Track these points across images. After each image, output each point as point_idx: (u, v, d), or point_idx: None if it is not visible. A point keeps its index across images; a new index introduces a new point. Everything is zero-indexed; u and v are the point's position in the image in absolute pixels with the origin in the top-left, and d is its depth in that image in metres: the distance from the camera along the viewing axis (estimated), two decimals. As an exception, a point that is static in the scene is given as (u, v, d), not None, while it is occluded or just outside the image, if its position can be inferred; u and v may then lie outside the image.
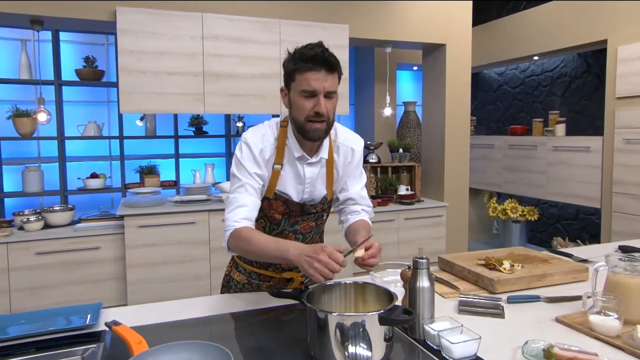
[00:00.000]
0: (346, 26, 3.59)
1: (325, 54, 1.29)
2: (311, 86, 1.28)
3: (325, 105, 1.30)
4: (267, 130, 1.43)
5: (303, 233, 1.51)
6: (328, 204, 1.53)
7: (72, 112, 4.05)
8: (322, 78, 1.28)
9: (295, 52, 1.32)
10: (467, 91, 4.18)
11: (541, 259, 1.75)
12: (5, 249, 2.89)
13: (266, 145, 1.41)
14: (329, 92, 1.30)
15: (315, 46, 1.30)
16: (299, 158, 1.42)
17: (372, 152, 4.28)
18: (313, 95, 1.29)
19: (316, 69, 1.27)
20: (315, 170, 1.46)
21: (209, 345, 1.04)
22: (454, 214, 4.21)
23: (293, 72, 1.31)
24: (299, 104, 1.32)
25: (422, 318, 1.19)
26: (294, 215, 1.47)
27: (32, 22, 3.03)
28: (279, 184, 1.43)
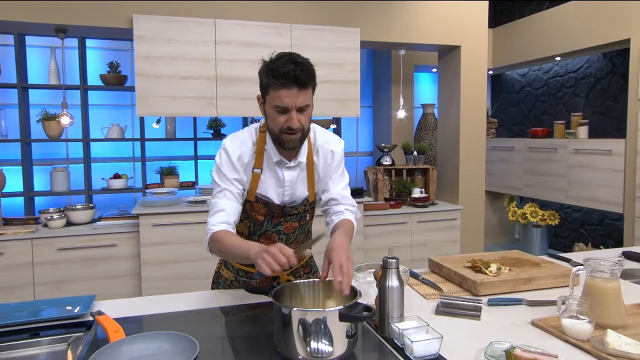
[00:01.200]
0: (357, 29, 3.61)
1: (296, 72, 1.28)
2: (284, 103, 1.31)
3: (298, 119, 1.34)
4: (245, 136, 1.49)
5: (286, 233, 1.55)
6: (310, 205, 1.58)
7: (97, 116, 4.25)
8: (294, 95, 1.30)
9: (268, 66, 1.32)
10: (483, 93, 4.13)
11: (533, 262, 1.73)
12: (30, 245, 3.06)
13: (244, 151, 1.46)
14: (300, 107, 1.33)
15: (288, 62, 1.30)
16: (277, 162, 1.47)
17: (386, 155, 4.29)
18: (286, 111, 1.33)
19: (288, 86, 1.29)
20: (295, 173, 1.51)
21: (179, 336, 1.11)
22: (469, 218, 4.16)
23: (267, 87, 1.34)
24: (273, 118, 1.36)
25: (391, 317, 1.21)
26: (276, 217, 1.52)
27: (56, 30, 3.21)
28: (259, 187, 1.49)
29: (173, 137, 4.28)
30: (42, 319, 1.27)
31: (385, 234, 3.86)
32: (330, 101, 3.61)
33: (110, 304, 1.48)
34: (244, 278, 1.60)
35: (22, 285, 3.05)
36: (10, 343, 1.19)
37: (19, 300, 3.02)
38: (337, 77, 3.60)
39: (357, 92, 3.69)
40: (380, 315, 1.23)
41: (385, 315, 1.21)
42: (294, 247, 1.54)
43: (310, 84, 1.33)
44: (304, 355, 1.07)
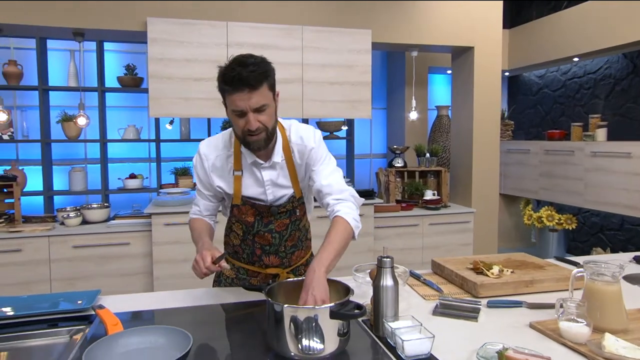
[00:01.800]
0: (369, 31, 3.62)
1: (243, 74, 1.26)
2: (238, 106, 1.31)
3: (257, 120, 1.33)
4: (219, 140, 1.53)
5: (279, 231, 1.55)
6: (299, 201, 1.57)
7: (114, 117, 4.35)
8: (246, 97, 1.29)
9: (221, 73, 1.32)
10: (497, 95, 4.08)
11: (537, 265, 1.71)
12: (47, 242, 3.16)
13: (217, 155, 1.51)
14: (256, 108, 1.32)
15: (236, 65, 1.28)
16: (252, 163, 1.48)
17: (398, 156, 4.27)
18: (243, 114, 1.32)
19: (239, 89, 1.28)
20: (274, 172, 1.51)
21: (174, 330, 1.13)
22: (483, 221, 4.10)
23: (223, 93, 1.35)
24: (234, 121, 1.37)
25: (384, 316, 1.21)
26: (266, 216, 1.53)
27: (74, 34, 3.30)
28: (243, 189, 1.50)
29: (187, 138, 4.35)
30: (46, 312, 1.31)
31: (396, 236, 3.84)
32: (341, 103, 3.62)
33: (114, 299, 1.52)
34: (245, 276, 1.62)
35: (39, 281, 3.14)
36: (14, 334, 1.23)
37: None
38: (348, 78, 3.61)
39: (369, 94, 3.68)
40: (375, 315, 1.23)
41: (379, 314, 1.22)
42: (288, 244, 1.58)
43: (261, 83, 1.30)
44: (295, 352, 1.08)
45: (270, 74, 1.34)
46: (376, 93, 5.35)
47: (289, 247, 1.59)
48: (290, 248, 1.60)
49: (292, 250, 1.60)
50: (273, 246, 1.56)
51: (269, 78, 1.33)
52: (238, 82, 1.27)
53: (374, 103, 5.32)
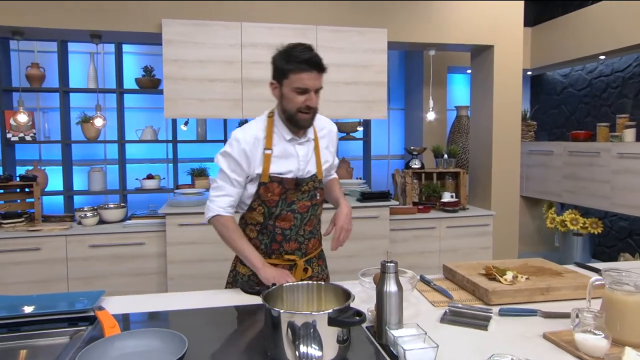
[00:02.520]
0: (384, 30, 3.55)
1: (316, 59, 1.50)
2: (305, 84, 1.49)
3: (315, 99, 1.53)
4: (253, 125, 1.62)
5: (300, 212, 1.62)
6: (319, 183, 1.68)
7: (133, 118, 4.40)
8: (315, 78, 1.50)
9: (289, 53, 1.51)
10: (518, 95, 3.96)
11: (554, 272, 1.63)
12: (64, 241, 3.20)
13: (252, 139, 1.57)
14: (317, 89, 1.52)
15: (306, 49, 1.52)
16: (289, 140, 1.61)
17: (415, 158, 4.19)
18: (305, 92, 1.50)
19: (309, 70, 1.48)
20: (305, 148, 1.65)
21: (170, 333, 1.11)
22: (503, 224, 3.99)
23: (287, 72, 1.50)
24: (291, 98, 1.51)
25: (388, 323, 1.16)
26: (290, 195, 1.60)
27: (92, 36, 3.35)
28: (272, 166, 1.58)
29: (204, 139, 4.37)
30: (47, 312, 1.31)
31: (412, 239, 3.76)
32: (356, 103, 3.57)
33: (117, 300, 1.51)
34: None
35: (57, 280, 3.19)
36: (14, 334, 1.23)
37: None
38: (363, 78, 3.56)
39: (384, 94, 3.62)
40: (378, 321, 1.19)
41: (382, 321, 1.17)
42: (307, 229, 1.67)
43: (324, 69, 1.52)
44: (292, 359, 1.04)
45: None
46: (394, 93, 5.28)
47: (307, 232, 1.66)
48: (308, 234, 1.67)
49: (309, 237, 1.67)
50: (294, 229, 1.62)
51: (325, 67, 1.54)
52: (314, 63, 1.48)
53: (391, 103, 5.25)
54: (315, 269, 1.72)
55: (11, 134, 3.89)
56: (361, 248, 3.58)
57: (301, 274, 1.64)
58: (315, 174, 1.66)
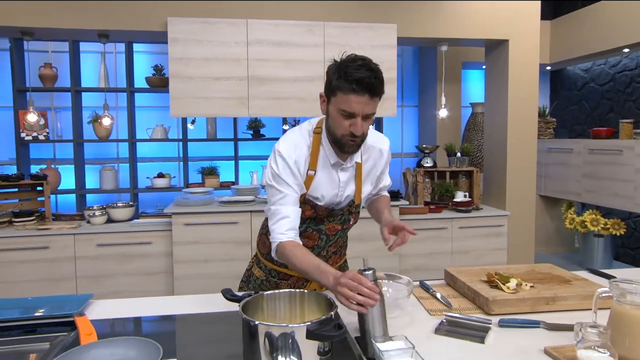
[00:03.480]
0: (394, 25, 3.46)
1: (371, 80, 1.26)
2: (352, 108, 1.29)
3: (362, 126, 1.31)
4: (299, 139, 1.45)
5: (327, 234, 1.53)
6: (355, 208, 1.55)
7: (144, 117, 4.42)
8: (364, 102, 1.28)
9: (341, 68, 1.29)
10: (535, 90, 3.81)
11: (563, 279, 1.53)
12: (72, 240, 3.22)
13: (299, 155, 1.42)
14: (367, 114, 1.31)
15: (362, 67, 1.26)
16: (334, 164, 1.45)
17: (427, 156, 4.08)
18: (352, 116, 1.30)
19: (360, 92, 1.26)
20: (348, 174, 1.50)
21: (145, 341, 1.07)
22: (518, 224, 3.85)
23: (336, 89, 1.30)
24: (336, 121, 1.34)
25: (372, 335, 1.10)
26: (320, 217, 1.50)
27: (99, 35, 3.36)
28: (311, 189, 1.46)
29: (214, 137, 4.35)
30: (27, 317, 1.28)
31: (423, 239, 3.67)
32: (365, 100, 3.49)
33: (104, 304, 1.48)
34: (275, 279, 1.58)
35: (65, 278, 3.22)
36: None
37: (64, 293, 3.19)
38: (372, 75, 3.47)
39: (394, 91, 3.53)
40: (361, 334, 1.12)
41: (365, 333, 1.10)
42: (331, 250, 1.57)
43: (380, 93, 1.31)
44: (270, 372, 0.98)
45: (384, 85, 1.33)
46: (408, 90, 5.17)
47: (330, 252, 1.58)
48: (331, 253, 1.58)
49: (331, 255, 1.59)
50: (316, 248, 1.53)
51: (383, 89, 1.33)
52: (366, 86, 1.25)
53: (405, 100, 5.15)
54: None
55: (25, 133, 3.95)
56: (369, 249, 3.49)
57: (317, 286, 1.56)
58: (353, 199, 1.53)
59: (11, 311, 1.35)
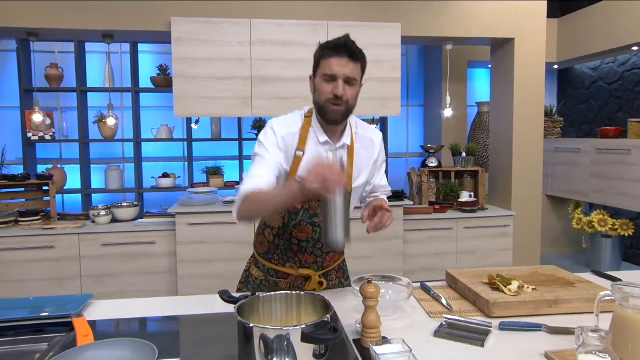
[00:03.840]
0: (398, 25, 3.44)
1: (348, 43, 1.38)
2: (332, 70, 1.37)
3: (344, 89, 1.38)
4: (291, 119, 1.51)
5: (321, 226, 1.50)
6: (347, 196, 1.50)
7: (150, 117, 4.43)
8: (344, 64, 1.37)
9: (323, 44, 1.43)
10: (541, 89, 3.77)
11: (567, 282, 1.51)
12: (77, 239, 3.24)
13: (288, 133, 1.47)
14: (349, 77, 1.38)
15: (341, 38, 1.40)
16: (323, 143, 1.48)
17: (432, 156, 4.06)
18: (333, 79, 1.38)
19: (339, 55, 1.37)
20: (339, 155, 1.50)
21: (141, 343, 1.06)
22: (524, 225, 3.81)
23: (319, 59, 1.42)
24: (320, 87, 1.41)
25: (334, 234, 1.17)
26: (313, 207, 1.49)
27: (103, 36, 3.37)
28: (300, 169, 1.46)
29: (219, 137, 4.36)
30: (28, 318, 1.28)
31: (428, 239, 3.64)
32: (368, 100, 3.47)
33: (104, 304, 1.48)
34: (275, 278, 1.57)
35: (70, 278, 3.24)
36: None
37: (68, 292, 3.21)
38: (376, 75, 3.45)
39: (398, 91, 3.51)
40: (323, 234, 1.19)
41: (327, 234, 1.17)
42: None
43: (359, 59, 1.39)
44: (264, 375, 0.97)
45: (365, 59, 1.43)
46: (413, 89, 5.14)
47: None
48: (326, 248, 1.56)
49: (327, 251, 1.57)
50: (311, 241, 1.52)
51: (364, 60, 1.43)
52: (342, 47, 1.37)
53: (410, 100, 5.12)
54: (333, 281, 1.63)
55: (31, 133, 3.98)
56: (374, 249, 3.49)
57: (316, 286, 1.56)
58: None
59: (11, 311, 1.36)
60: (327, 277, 1.60)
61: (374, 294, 1.15)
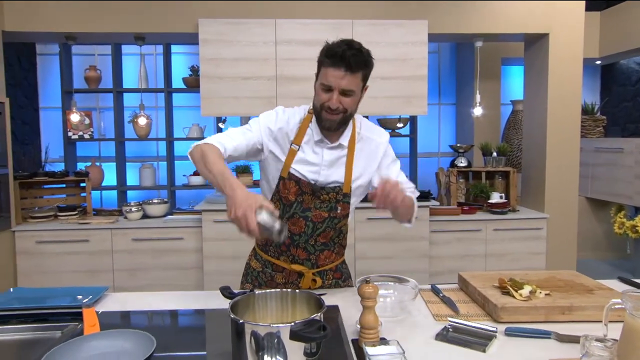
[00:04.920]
0: (425, 21, 3.37)
1: (347, 54, 1.32)
2: (328, 81, 1.36)
3: (339, 101, 1.37)
4: (296, 111, 1.54)
5: (314, 222, 1.51)
6: (343, 196, 1.51)
7: (182, 116, 4.56)
8: (340, 76, 1.34)
9: (326, 47, 1.39)
10: (577, 86, 3.59)
11: (586, 288, 1.43)
12: (110, 234, 3.38)
13: (289, 122, 1.49)
14: (345, 90, 1.36)
15: (344, 44, 1.35)
16: (318, 141, 1.48)
17: (461, 155, 3.96)
18: (329, 90, 1.37)
19: (337, 65, 1.33)
20: (334, 154, 1.50)
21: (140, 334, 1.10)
22: (558, 228, 3.65)
23: (320, 64, 1.40)
24: (318, 94, 1.42)
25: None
26: (307, 201, 1.49)
27: (136, 38, 3.49)
28: (294, 163, 1.48)
29: (247, 136, 4.41)
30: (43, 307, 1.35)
31: (455, 241, 3.56)
32: (393, 99, 3.43)
33: (118, 296, 1.54)
34: (270, 270, 1.59)
35: (103, 271, 3.38)
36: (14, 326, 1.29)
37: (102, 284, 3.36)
38: (401, 73, 3.41)
39: (424, 89, 3.44)
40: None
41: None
42: (320, 241, 1.54)
43: (358, 69, 1.35)
44: (255, 371, 0.98)
45: (369, 65, 1.39)
46: (445, 87, 5.03)
47: (319, 243, 1.54)
48: (320, 245, 1.55)
49: (321, 248, 1.56)
50: (303, 236, 1.52)
51: (366, 68, 1.39)
52: (339, 59, 1.32)
53: (442, 98, 5.01)
54: (329, 281, 1.61)
55: (72, 132, 4.18)
56: (398, 250, 3.44)
57: (310, 283, 1.56)
58: (340, 185, 1.50)
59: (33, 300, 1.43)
60: (323, 276, 1.59)
61: (371, 294, 1.14)
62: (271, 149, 1.49)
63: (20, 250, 3.32)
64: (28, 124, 4.42)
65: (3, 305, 1.42)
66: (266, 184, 1.57)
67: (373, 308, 1.15)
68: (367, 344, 1.06)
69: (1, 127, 3.24)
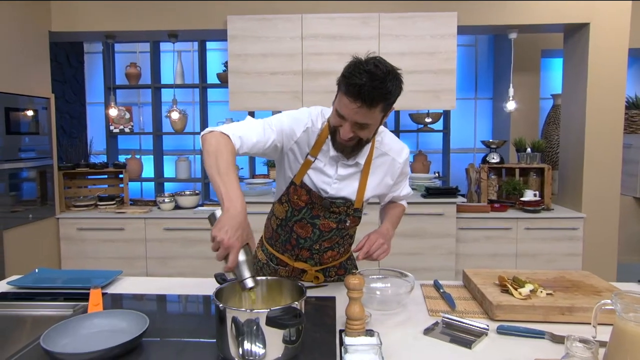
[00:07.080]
0: (454, 13, 3.29)
1: (364, 89, 1.19)
2: (342, 111, 1.26)
3: (352, 131, 1.28)
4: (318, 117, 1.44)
5: (321, 230, 1.50)
6: (353, 210, 1.50)
7: (217, 111, 4.70)
8: (355, 110, 1.23)
9: (349, 67, 1.24)
10: (622, 79, 3.38)
11: (594, 289, 1.37)
12: (143, 223, 3.55)
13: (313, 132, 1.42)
14: (358, 123, 1.27)
15: (366, 72, 1.20)
16: (333, 157, 1.43)
17: (493, 151, 3.83)
18: (343, 118, 1.28)
19: (353, 97, 1.21)
20: (349, 171, 1.46)
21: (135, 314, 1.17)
22: (596, 228, 3.47)
23: (339, 86, 1.28)
24: (333, 115, 1.33)
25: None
26: (316, 209, 1.48)
27: (169, 35, 3.63)
28: (308, 174, 1.45)
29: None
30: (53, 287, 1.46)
31: (484, 239, 3.46)
32: (421, 93, 3.37)
33: (130, 280, 1.63)
34: (274, 264, 1.62)
35: (137, 258, 3.56)
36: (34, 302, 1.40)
37: (136, 271, 3.54)
38: (430, 67, 3.34)
39: (453, 83, 3.36)
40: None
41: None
42: (324, 245, 1.54)
43: (376, 105, 1.23)
44: (236, 355, 1.02)
45: (391, 97, 1.25)
46: (482, 81, 4.88)
47: (323, 246, 1.55)
48: (324, 248, 1.55)
49: (325, 250, 1.56)
50: (308, 241, 1.52)
51: (388, 101, 1.25)
52: (359, 93, 1.20)
53: (479, 92, 4.86)
54: (332, 277, 1.62)
55: (113, 126, 4.42)
56: (424, 246, 3.40)
57: (312, 279, 1.58)
58: (351, 201, 1.48)
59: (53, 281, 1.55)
60: (326, 272, 1.60)
61: (356, 286, 1.14)
62: (290, 150, 1.45)
63: (63, 236, 3.55)
64: (76, 118, 4.70)
65: (28, 284, 1.55)
66: (281, 178, 1.55)
67: (359, 300, 1.15)
68: (351, 334, 1.07)
69: (47, 121, 3.47)
